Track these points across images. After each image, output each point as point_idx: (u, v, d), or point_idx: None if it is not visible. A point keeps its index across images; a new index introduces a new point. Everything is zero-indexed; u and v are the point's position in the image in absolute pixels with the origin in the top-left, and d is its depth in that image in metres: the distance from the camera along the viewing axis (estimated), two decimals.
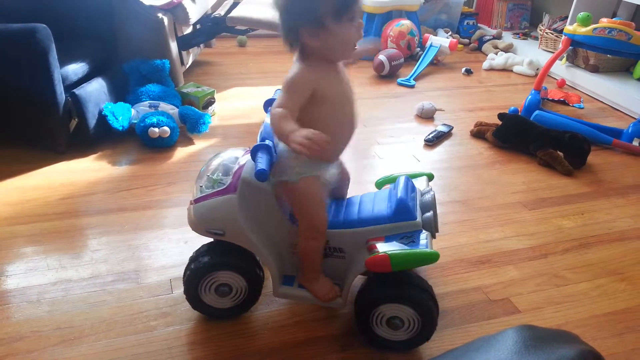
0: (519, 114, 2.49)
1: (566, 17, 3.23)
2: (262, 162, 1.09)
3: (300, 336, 1.30)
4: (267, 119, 1.20)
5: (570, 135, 2.17)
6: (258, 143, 1.14)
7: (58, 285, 1.41)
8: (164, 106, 2.20)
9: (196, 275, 1.25)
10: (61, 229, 1.63)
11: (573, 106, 2.82)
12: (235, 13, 2.62)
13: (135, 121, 2.11)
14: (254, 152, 1.13)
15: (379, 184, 1.48)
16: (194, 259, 1.27)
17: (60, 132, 2.00)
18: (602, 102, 2.91)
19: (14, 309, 1.33)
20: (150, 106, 2.18)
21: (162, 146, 2.12)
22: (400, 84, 2.99)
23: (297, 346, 1.27)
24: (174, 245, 1.58)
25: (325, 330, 1.32)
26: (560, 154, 2.17)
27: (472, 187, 2.00)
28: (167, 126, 2.07)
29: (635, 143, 2.36)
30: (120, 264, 1.50)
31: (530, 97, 2.56)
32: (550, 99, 2.86)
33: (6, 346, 1.22)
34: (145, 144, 2.11)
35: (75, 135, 2.04)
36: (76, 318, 1.31)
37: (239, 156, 1.28)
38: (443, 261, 1.58)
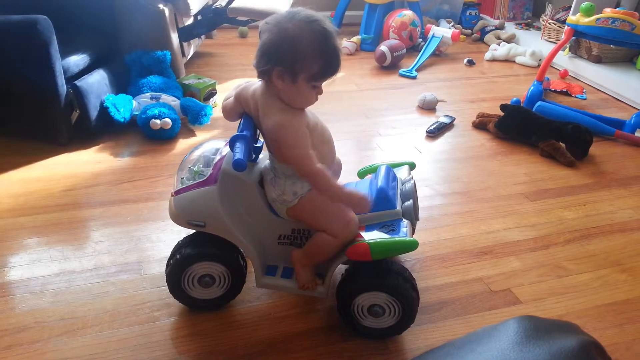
0: (521, 105, 2.49)
1: (569, 7, 3.20)
2: (240, 152, 1.09)
3: (302, 327, 1.31)
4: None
5: (573, 127, 2.17)
6: (236, 133, 1.14)
7: (61, 277, 1.42)
8: (166, 98, 2.20)
9: (180, 267, 1.25)
10: (64, 220, 1.64)
11: (575, 97, 2.80)
12: (236, 4, 2.61)
13: (137, 113, 2.11)
14: (232, 143, 1.13)
15: (361, 174, 1.50)
16: (174, 253, 1.26)
17: (61, 124, 2.00)
18: (604, 93, 2.90)
19: (17, 300, 1.33)
20: (151, 98, 2.18)
21: (163, 138, 2.12)
22: (402, 75, 2.98)
23: (298, 336, 1.28)
24: (177, 236, 1.58)
25: (326, 321, 1.32)
26: (563, 145, 2.16)
27: (474, 179, 2.00)
28: (169, 118, 2.07)
29: (637, 134, 2.35)
30: (123, 255, 1.51)
31: (532, 88, 2.55)
32: (553, 89, 2.85)
33: (10, 337, 1.23)
34: (146, 136, 2.11)
35: (77, 127, 2.04)
36: (80, 309, 1.32)
37: (220, 147, 1.28)
38: (444, 252, 1.59)
